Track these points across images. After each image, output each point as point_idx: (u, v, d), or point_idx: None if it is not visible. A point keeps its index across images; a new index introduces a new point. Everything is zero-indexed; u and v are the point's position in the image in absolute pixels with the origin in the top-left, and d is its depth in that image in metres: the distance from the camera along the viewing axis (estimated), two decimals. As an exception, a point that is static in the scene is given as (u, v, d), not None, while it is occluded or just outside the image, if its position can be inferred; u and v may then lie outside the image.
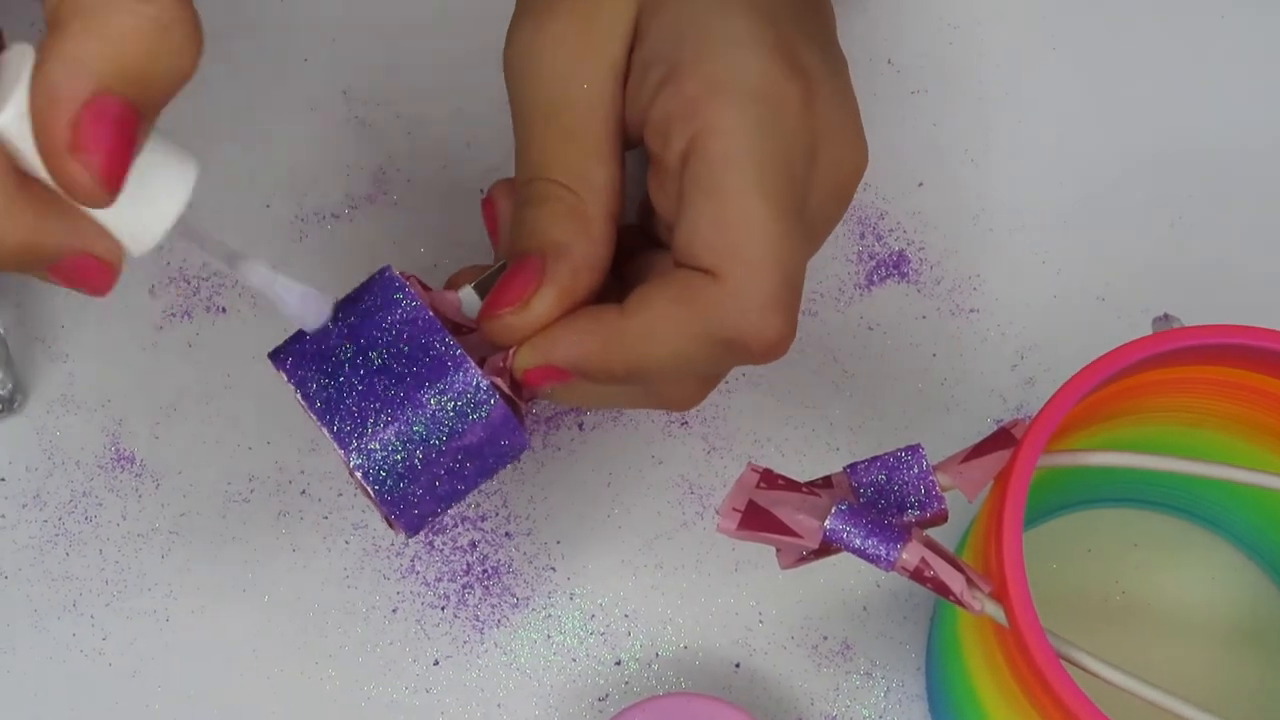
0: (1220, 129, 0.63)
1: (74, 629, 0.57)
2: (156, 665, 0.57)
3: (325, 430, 0.45)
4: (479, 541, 0.58)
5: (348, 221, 0.61)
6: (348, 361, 0.46)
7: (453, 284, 0.49)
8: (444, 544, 0.58)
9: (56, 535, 0.58)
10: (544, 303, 0.46)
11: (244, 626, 0.57)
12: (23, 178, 0.39)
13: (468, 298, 0.48)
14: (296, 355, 0.46)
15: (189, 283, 0.61)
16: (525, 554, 0.58)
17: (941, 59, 0.64)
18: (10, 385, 0.58)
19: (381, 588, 0.58)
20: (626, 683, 0.57)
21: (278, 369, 0.47)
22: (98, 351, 0.60)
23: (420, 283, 0.47)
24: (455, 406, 0.45)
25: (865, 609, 0.58)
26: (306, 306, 0.45)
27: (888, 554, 0.44)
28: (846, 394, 0.60)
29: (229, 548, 0.58)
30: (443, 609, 0.57)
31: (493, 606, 0.57)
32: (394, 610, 0.57)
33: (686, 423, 0.59)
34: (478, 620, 0.57)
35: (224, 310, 0.60)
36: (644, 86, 0.47)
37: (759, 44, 0.47)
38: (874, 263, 0.61)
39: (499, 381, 0.46)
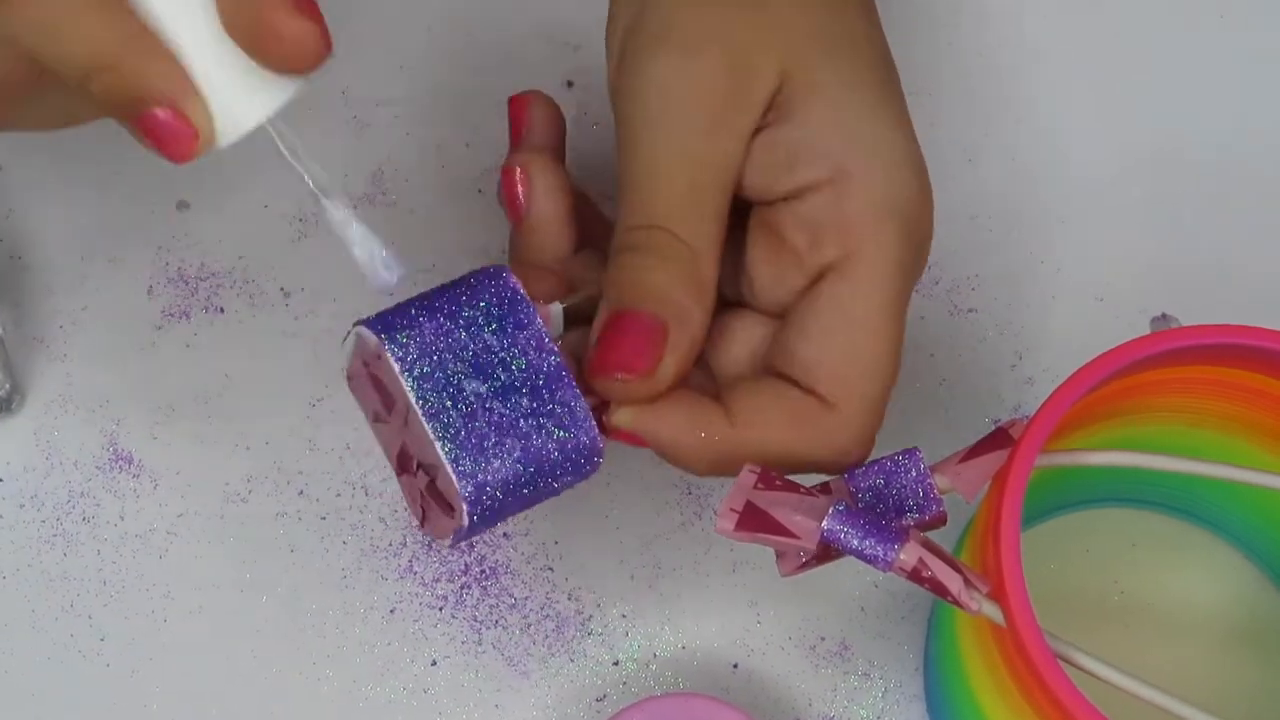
0: (1219, 129, 0.63)
1: (72, 629, 0.57)
2: (154, 665, 0.57)
3: (437, 445, 0.44)
4: (477, 542, 0.58)
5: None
6: (471, 371, 0.44)
7: (528, 290, 0.46)
8: (442, 544, 0.58)
9: (54, 535, 0.58)
10: (665, 376, 0.46)
11: (242, 627, 0.57)
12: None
13: (556, 317, 0.47)
14: (409, 340, 0.44)
15: (187, 283, 0.61)
16: (523, 554, 0.58)
17: (940, 59, 0.64)
18: (8, 385, 0.58)
19: (379, 588, 0.58)
20: (624, 683, 0.57)
21: (384, 350, 0.44)
22: (96, 352, 0.60)
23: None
24: (568, 461, 0.45)
25: (863, 609, 0.58)
26: (375, 266, 0.43)
27: (885, 554, 0.44)
28: (845, 394, 0.60)
29: (227, 548, 0.58)
30: (440, 609, 0.57)
31: (491, 607, 0.57)
32: (392, 610, 0.57)
33: (685, 423, 0.59)
34: (475, 621, 0.57)
35: (222, 310, 0.60)
36: (792, 171, 0.46)
37: (911, 165, 0.47)
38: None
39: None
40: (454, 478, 0.44)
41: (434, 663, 0.57)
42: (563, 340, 0.47)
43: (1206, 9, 0.65)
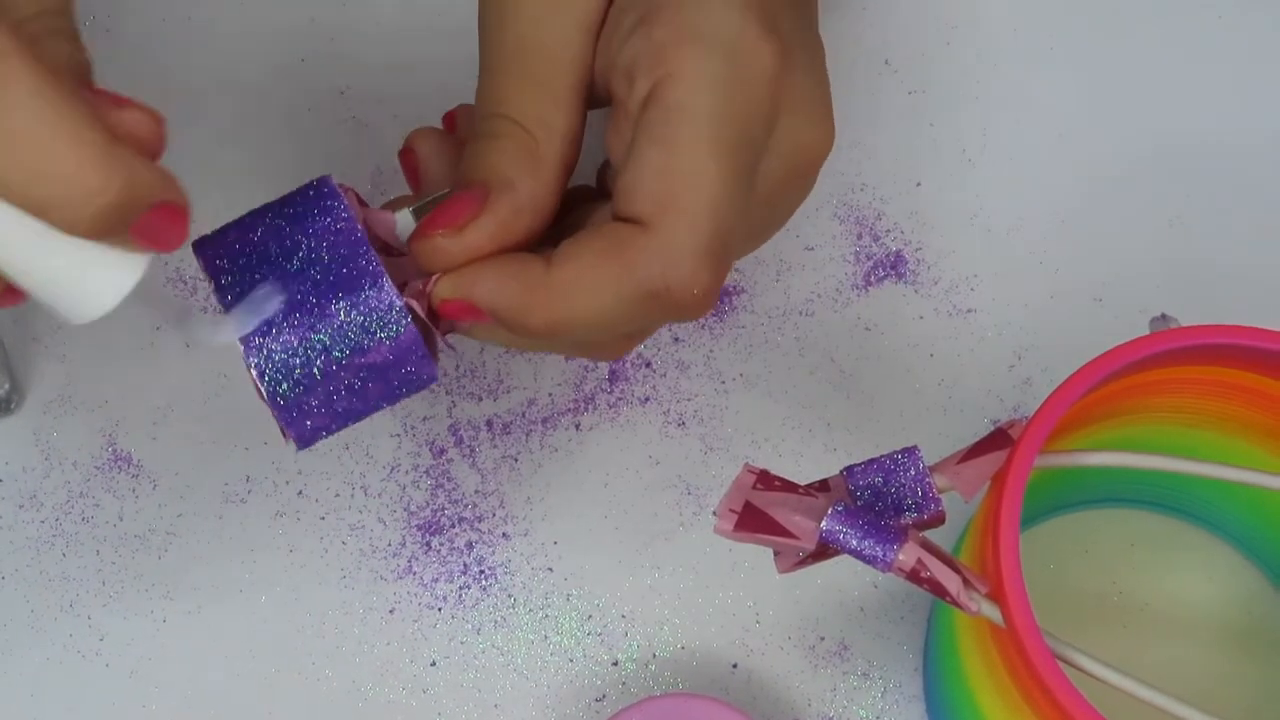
0: (1217, 129, 0.63)
1: (71, 629, 0.57)
2: (153, 666, 0.57)
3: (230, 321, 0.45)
4: (476, 542, 0.58)
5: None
6: (267, 261, 0.45)
7: (392, 207, 0.48)
8: (441, 545, 0.58)
9: (54, 536, 0.58)
10: (478, 232, 0.45)
11: (241, 627, 0.57)
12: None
13: (404, 220, 0.47)
14: (217, 245, 0.46)
15: (186, 284, 0.61)
16: (522, 555, 0.58)
17: (939, 59, 0.64)
18: (7, 386, 0.58)
19: (379, 588, 0.58)
20: (624, 683, 0.57)
21: (197, 257, 0.46)
22: (95, 352, 0.60)
23: (358, 197, 0.47)
24: (364, 322, 0.45)
25: (863, 609, 0.58)
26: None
27: (884, 555, 0.44)
28: (844, 394, 0.60)
29: (226, 548, 0.58)
30: (440, 610, 0.57)
31: (490, 607, 0.57)
32: (391, 611, 0.57)
33: (684, 423, 0.59)
34: (475, 621, 0.57)
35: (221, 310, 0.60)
36: (617, 32, 0.47)
37: (741, 7, 0.46)
38: (871, 263, 0.61)
39: (415, 305, 0.45)
40: (242, 351, 0.44)
41: (433, 663, 0.57)
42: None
43: (1206, 9, 0.65)
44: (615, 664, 0.57)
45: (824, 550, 0.46)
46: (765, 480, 0.46)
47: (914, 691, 0.57)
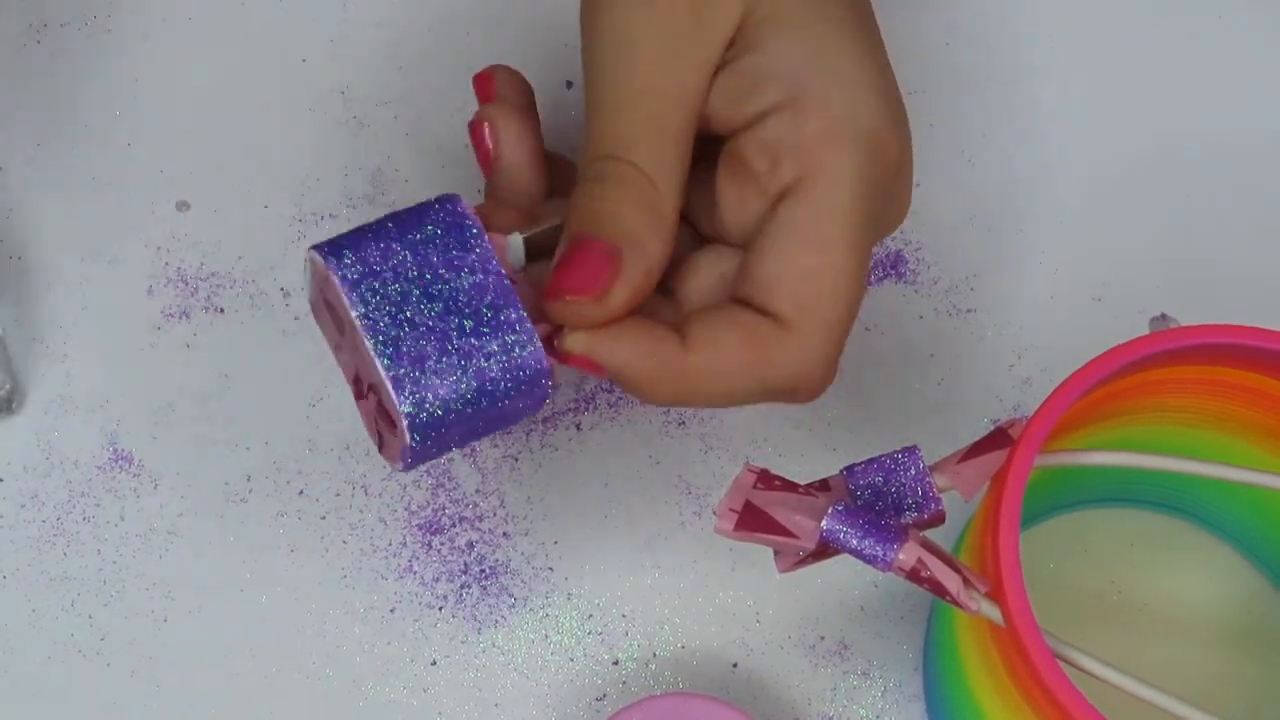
0: (1217, 129, 0.64)
1: (72, 629, 0.57)
2: (154, 665, 0.57)
3: (376, 362, 0.44)
4: (476, 542, 0.58)
5: (345, 222, 0.61)
6: (414, 290, 0.45)
7: (488, 222, 0.47)
8: (441, 544, 0.58)
9: (54, 535, 0.58)
10: (616, 301, 0.46)
11: (242, 626, 0.57)
12: None
13: (515, 246, 0.47)
14: (355, 260, 0.45)
15: (187, 283, 0.61)
16: (523, 554, 0.58)
17: (939, 59, 0.64)
18: (9, 385, 0.58)
19: (379, 588, 0.58)
20: (624, 682, 0.57)
21: (330, 270, 0.45)
22: (96, 352, 0.60)
23: (479, 215, 0.47)
24: (514, 382, 0.45)
25: (863, 609, 0.58)
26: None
27: (884, 554, 0.44)
28: (844, 394, 0.60)
29: (227, 548, 0.58)
30: (440, 609, 0.57)
31: (490, 606, 0.58)
32: (392, 610, 0.57)
33: (684, 423, 0.59)
34: (475, 620, 0.57)
35: (222, 311, 0.60)
36: (753, 97, 0.47)
37: (876, 91, 0.47)
38: (871, 263, 0.61)
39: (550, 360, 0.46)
40: (392, 392, 0.44)
41: (434, 662, 0.57)
42: (525, 272, 0.48)
43: (1206, 9, 0.65)
44: (616, 663, 0.57)
45: (824, 550, 0.46)
46: (765, 480, 0.46)
47: (914, 691, 0.57)
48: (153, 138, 0.62)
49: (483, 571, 0.58)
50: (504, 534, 0.58)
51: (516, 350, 0.45)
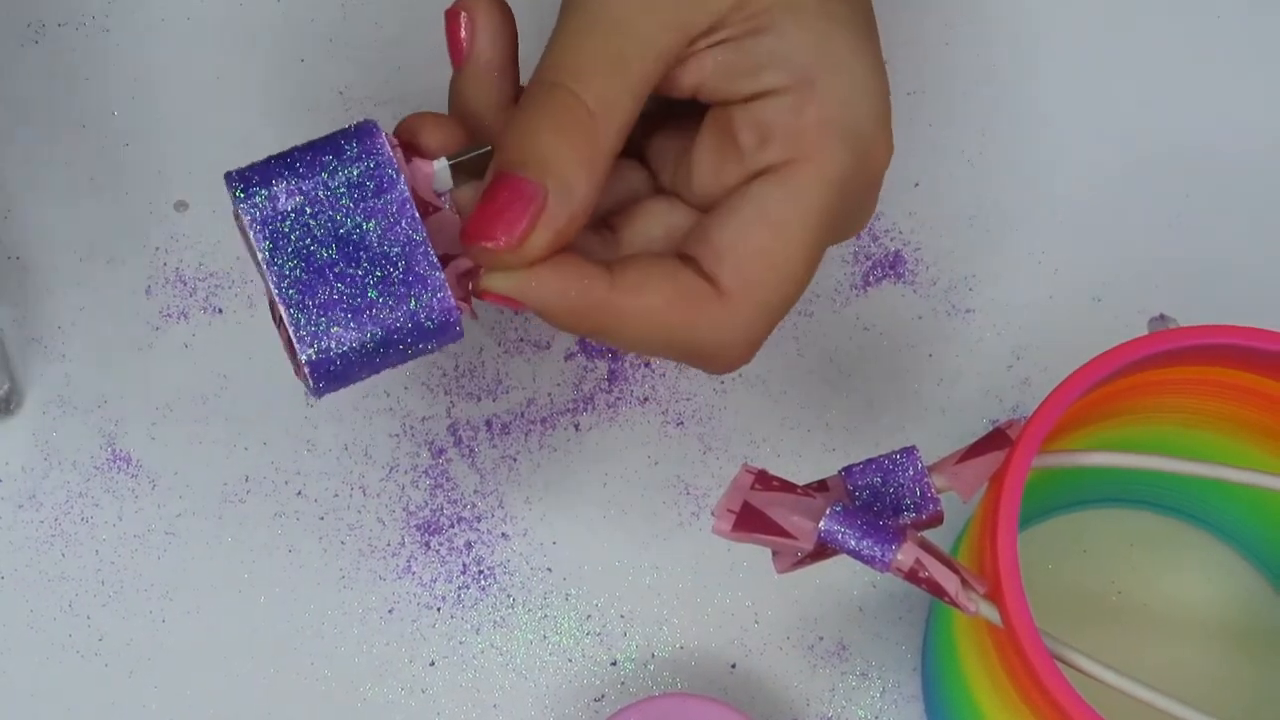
0: (1217, 129, 0.63)
1: (70, 629, 0.57)
2: (152, 666, 0.57)
3: (280, 305, 0.44)
4: (475, 542, 0.58)
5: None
6: (323, 234, 0.44)
7: (408, 132, 0.46)
8: (440, 545, 0.58)
9: (53, 536, 0.58)
10: (535, 247, 0.44)
11: (240, 627, 0.57)
12: None
13: (441, 173, 0.46)
14: (267, 197, 0.44)
15: (185, 284, 0.61)
16: (521, 554, 0.58)
17: (938, 59, 0.64)
18: (7, 386, 0.58)
19: (377, 588, 0.58)
20: (622, 683, 0.57)
21: (238, 207, 0.44)
22: (94, 352, 0.60)
23: (392, 142, 0.45)
24: (420, 331, 0.44)
25: (861, 609, 0.58)
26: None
27: (883, 555, 0.44)
28: (843, 394, 0.60)
29: (225, 548, 0.58)
30: (439, 610, 0.57)
31: (489, 607, 0.57)
32: (390, 611, 0.57)
33: (683, 423, 0.59)
34: (474, 621, 0.57)
35: (220, 311, 0.60)
36: (756, 77, 0.46)
37: (876, 96, 0.47)
38: (870, 263, 0.61)
39: (462, 305, 0.45)
40: (295, 343, 0.44)
41: (432, 663, 0.57)
42: (451, 195, 0.46)
43: (1206, 9, 0.65)
44: (614, 664, 0.57)
45: (822, 550, 0.46)
46: (763, 480, 0.46)
47: (912, 691, 0.57)
48: (152, 138, 0.62)
49: (481, 572, 0.58)
50: (502, 534, 0.58)
51: (425, 300, 0.44)
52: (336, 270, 0.44)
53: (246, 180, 0.45)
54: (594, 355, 0.60)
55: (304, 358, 0.44)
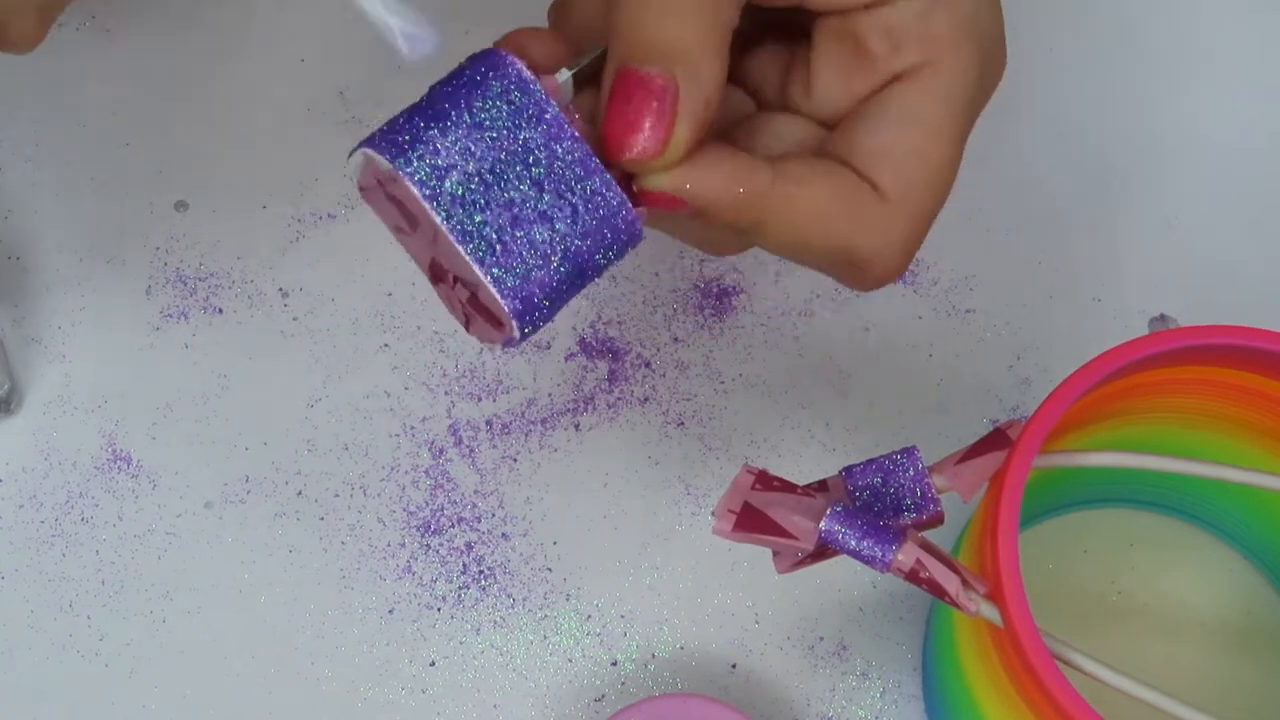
0: (1217, 129, 0.64)
1: (70, 629, 0.57)
2: (153, 666, 0.57)
3: (475, 267, 0.41)
4: (475, 543, 0.58)
5: (344, 222, 0.62)
6: (493, 179, 0.41)
7: (517, 50, 0.43)
8: (440, 545, 0.58)
9: (53, 536, 0.58)
10: (682, 141, 0.42)
11: (240, 627, 0.57)
12: None
13: (566, 87, 0.43)
14: (425, 155, 0.41)
15: (185, 284, 0.61)
16: (522, 555, 0.58)
17: (938, 59, 0.64)
18: (7, 386, 0.58)
19: (378, 589, 0.58)
20: (623, 683, 0.57)
21: (400, 173, 0.41)
22: (94, 352, 0.60)
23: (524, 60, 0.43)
24: (607, 250, 0.42)
25: (861, 609, 0.58)
26: (393, 40, 0.42)
27: (883, 555, 0.44)
28: (843, 394, 0.60)
29: (225, 548, 0.58)
30: (439, 610, 0.57)
31: (489, 607, 0.57)
32: (390, 611, 0.57)
33: (683, 423, 0.59)
34: (474, 621, 0.57)
35: (220, 311, 0.60)
36: None
37: (996, 4, 0.47)
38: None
39: (640, 212, 0.43)
40: (498, 298, 0.41)
41: (432, 663, 0.57)
42: (575, 108, 0.44)
43: (1205, 9, 0.65)
44: (614, 664, 0.57)
45: (823, 550, 0.46)
46: (764, 480, 0.46)
47: (913, 691, 0.57)
48: (152, 138, 0.62)
49: (481, 572, 0.58)
50: (503, 535, 0.58)
51: (610, 220, 0.42)
52: (515, 212, 0.41)
53: (398, 145, 0.42)
54: (594, 355, 0.60)
55: (510, 309, 0.41)
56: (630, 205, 0.42)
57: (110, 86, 0.63)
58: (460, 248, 0.41)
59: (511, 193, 0.42)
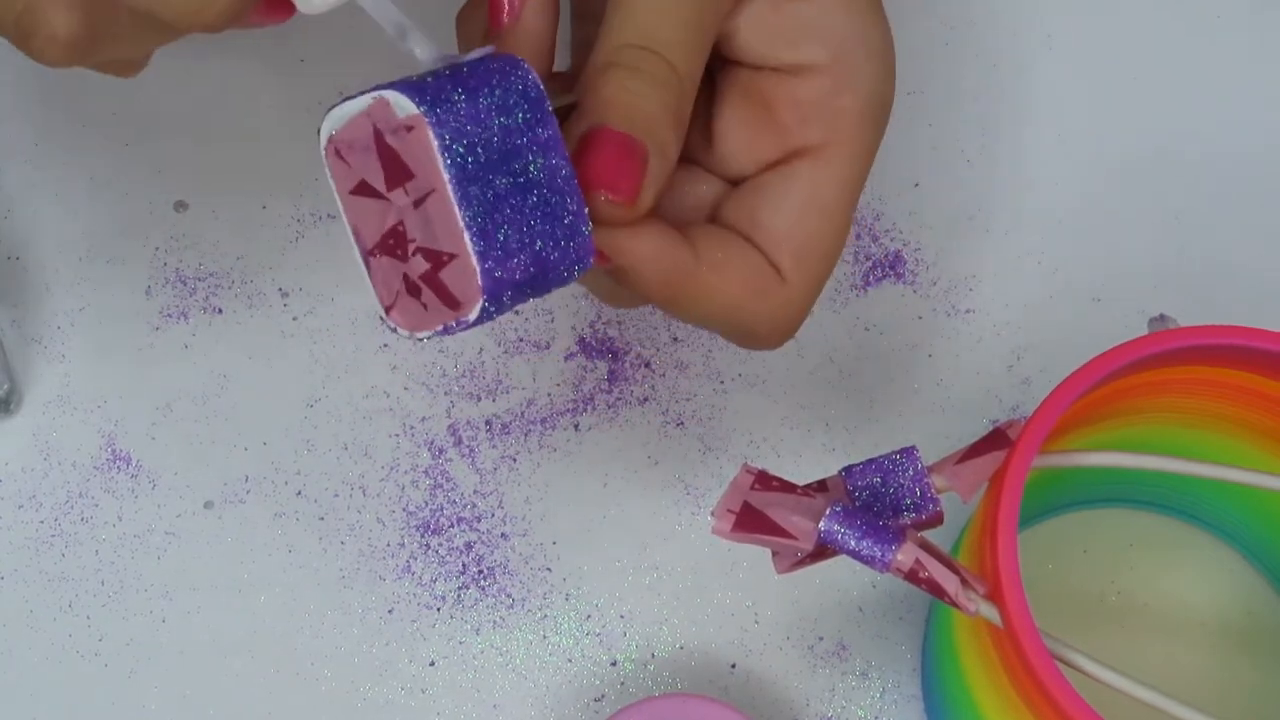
0: (1217, 129, 0.63)
1: (70, 630, 0.57)
2: (152, 666, 0.57)
3: (465, 236, 0.41)
4: (475, 543, 0.58)
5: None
6: (498, 162, 0.42)
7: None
8: (440, 545, 0.58)
9: (52, 536, 0.58)
10: (644, 205, 0.44)
11: (240, 627, 0.57)
12: None
13: None
14: (448, 116, 0.41)
15: (185, 284, 0.61)
16: (521, 555, 0.58)
17: (938, 59, 0.64)
18: (6, 386, 0.58)
19: (377, 589, 0.58)
20: (622, 683, 0.57)
21: (428, 122, 0.41)
22: (94, 352, 0.60)
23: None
24: (564, 268, 0.43)
25: (861, 609, 0.58)
26: (394, 39, 0.43)
27: (882, 555, 0.44)
28: (843, 394, 0.60)
29: (225, 548, 0.58)
30: (438, 610, 0.57)
31: (489, 607, 0.57)
32: (390, 611, 0.57)
33: (683, 423, 0.59)
34: (473, 621, 0.57)
35: (220, 311, 0.60)
36: (795, 46, 0.47)
37: (891, 66, 0.48)
38: (870, 263, 0.61)
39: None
40: (478, 271, 0.41)
41: (432, 663, 0.57)
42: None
43: (1205, 9, 0.65)
44: (614, 664, 0.57)
45: (822, 551, 0.46)
46: (763, 480, 0.46)
47: (912, 691, 0.57)
48: (152, 138, 0.62)
49: (481, 572, 0.58)
50: (502, 535, 0.58)
51: (575, 239, 0.43)
52: (511, 204, 0.42)
53: (425, 96, 0.41)
54: (594, 355, 0.60)
55: (484, 286, 0.41)
56: (591, 235, 0.43)
57: (110, 86, 0.63)
58: (459, 211, 0.41)
59: (508, 181, 0.42)
